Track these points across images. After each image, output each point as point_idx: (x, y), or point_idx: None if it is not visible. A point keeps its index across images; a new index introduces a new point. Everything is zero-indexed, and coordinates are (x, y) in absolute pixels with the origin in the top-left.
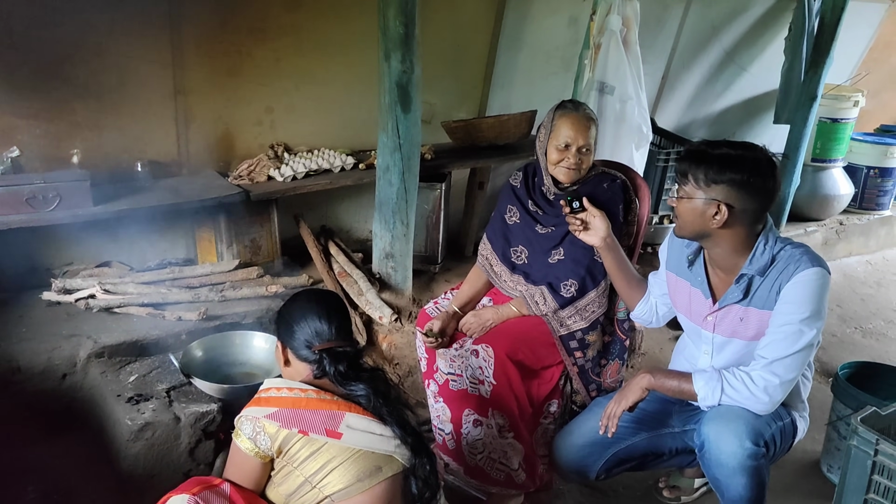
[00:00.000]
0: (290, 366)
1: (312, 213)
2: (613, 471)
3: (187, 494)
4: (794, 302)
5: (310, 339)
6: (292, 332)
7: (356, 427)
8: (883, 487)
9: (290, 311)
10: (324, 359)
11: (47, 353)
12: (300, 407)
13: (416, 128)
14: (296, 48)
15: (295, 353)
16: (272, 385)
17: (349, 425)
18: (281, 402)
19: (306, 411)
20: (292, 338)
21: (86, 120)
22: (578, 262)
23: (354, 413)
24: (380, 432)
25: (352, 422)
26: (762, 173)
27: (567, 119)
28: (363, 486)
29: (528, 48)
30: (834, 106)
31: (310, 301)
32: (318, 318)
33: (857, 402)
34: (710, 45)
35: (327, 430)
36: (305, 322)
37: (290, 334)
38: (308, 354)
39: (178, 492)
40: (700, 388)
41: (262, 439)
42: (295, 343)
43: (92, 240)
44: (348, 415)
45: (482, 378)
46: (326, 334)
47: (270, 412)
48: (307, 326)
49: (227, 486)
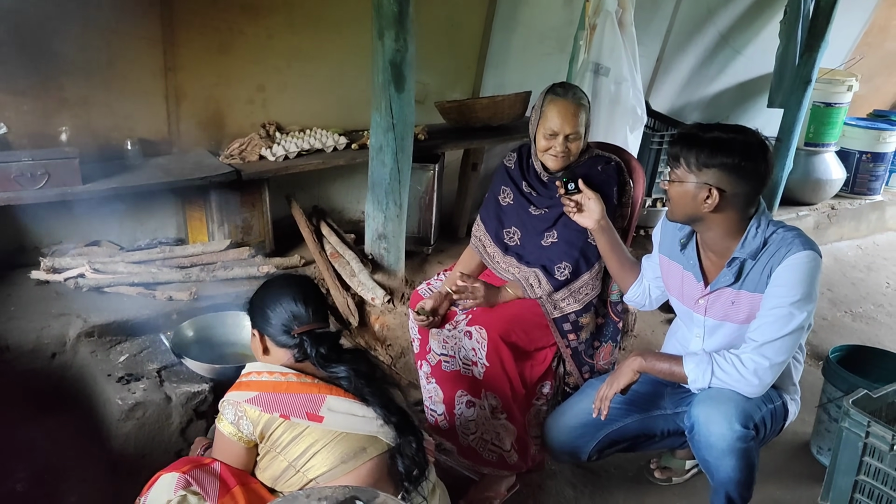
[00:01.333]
0: (269, 354)
1: (304, 193)
2: (605, 452)
3: (177, 472)
4: (785, 285)
5: (288, 323)
6: (268, 318)
7: (337, 409)
8: (873, 469)
9: (265, 298)
10: (304, 342)
11: (36, 333)
12: (280, 391)
13: (410, 108)
14: (288, 25)
15: (273, 340)
16: (253, 369)
17: (330, 408)
18: (261, 385)
19: (287, 395)
20: (269, 324)
21: (74, 96)
22: (572, 245)
23: (335, 395)
24: (362, 413)
25: (333, 404)
26: (754, 157)
27: (555, 106)
28: (347, 468)
29: (522, 28)
30: (828, 90)
31: (284, 286)
32: (294, 301)
33: (847, 384)
34: (706, 27)
35: (308, 413)
36: (281, 307)
37: (266, 321)
38: (287, 339)
39: (168, 470)
40: (690, 371)
41: (245, 424)
42: (272, 329)
43: (81, 218)
44: (329, 397)
45: (475, 359)
46: (304, 317)
47: (251, 396)
48: (284, 311)
49: (218, 464)
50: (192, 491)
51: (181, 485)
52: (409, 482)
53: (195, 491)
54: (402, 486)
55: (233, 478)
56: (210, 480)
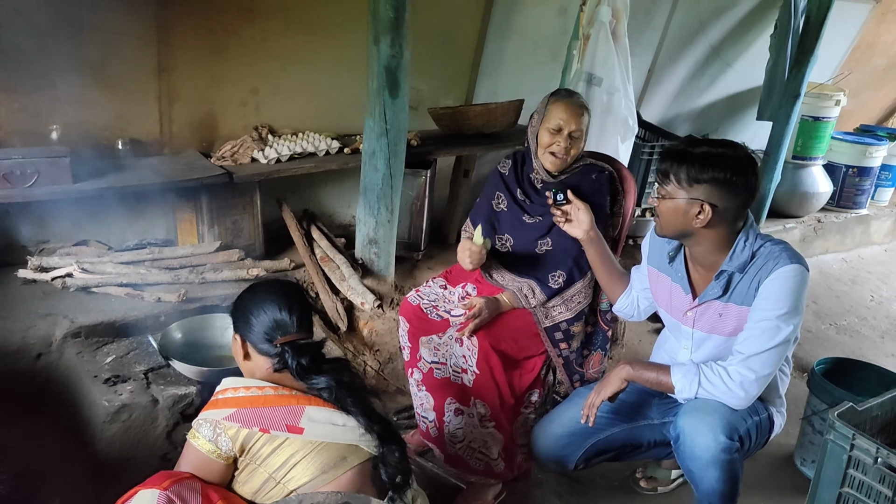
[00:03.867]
0: (250, 360)
1: (296, 196)
2: (592, 461)
3: (158, 489)
4: (772, 298)
5: (270, 332)
6: (251, 324)
7: (317, 419)
8: (857, 481)
9: (249, 303)
10: (286, 352)
11: (22, 333)
12: (258, 405)
13: (404, 113)
14: (283, 29)
15: (254, 347)
16: (229, 385)
17: (310, 418)
18: (238, 402)
19: (265, 409)
20: (251, 331)
21: (66, 95)
22: (566, 253)
23: (315, 405)
24: (342, 422)
25: (313, 414)
26: (744, 171)
27: (561, 104)
28: (328, 478)
29: (516, 37)
30: (816, 104)
31: (269, 292)
32: (278, 309)
33: (832, 397)
34: (697, 39)
35: (288, 426)
36: (265, 314)
37: (248, 327)
38: (268, 348)
39: (146, 486)
40: (678, 381)
41: (223, 441)
42: (254, 336)
43: (70, 218)
44: (308, 408)
45: (465, 366)
46: (288, 327)
47: (229, 413)
48: (267, 318)
49: (198, 480)
50: None
51: (163, 502)
52: (393, 490)
53: None
54: (387, 493)
55: (215, 492)
56: (192, 496)
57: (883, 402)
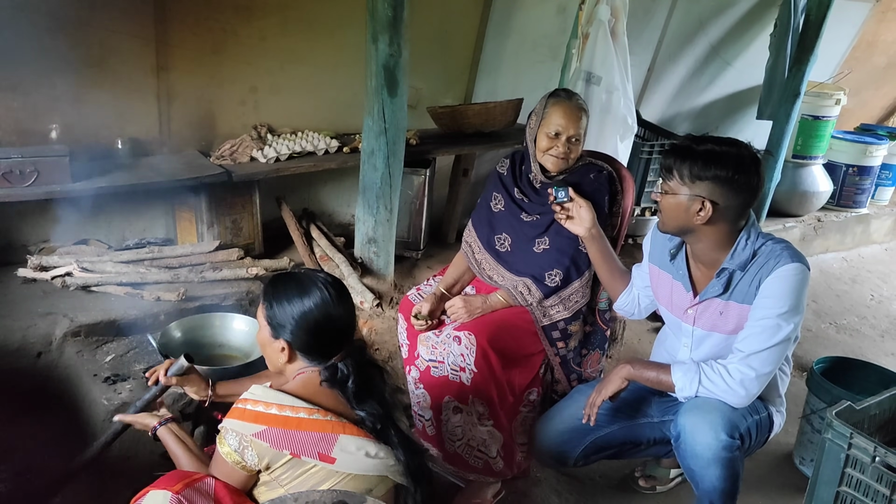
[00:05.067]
0: (294, 363)
1: (295, 195)
2: (592, 457)
3: (170, 492)
4: (772, 296)
5: (327, 344)
6: (304, 336)
7: (349, 450)
8: (855, 480)
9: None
10: (340, 370)
11: (22, 331)
12: (291, 427)
13: (403, 112)
14: (282, 27)
15: (302, 355)
16: (260, 398)
17: (343, 448)
18: (269, 420)
19: (298, 432)
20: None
21: (65, 94)
22: (563, 252)
23: (348, 434)
24: (374, 453)
25: (346, 444)
26: (747, 170)
27: (559, 107)
28: None
29: (515, 35)
30: (816, 103)
31: (322, 290)
32: (334, 317)
33: (830, 396)
34: (697, 38)
35: (320, 454)
36: (320, 323)
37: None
38: (320, 358)
39: (158, 486)
40: (678, 380)
41: (250, 455)
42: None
43: (70, 217)
44: (342, 437)
45: (463, 365)
46: (344, 338)
47: (259, 430)
48: (322, 327)
49: (212, 481)
50: None
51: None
52: None
53: None
54: None
55: (228, 498)
56: (204, 502)
57: (881, 401)
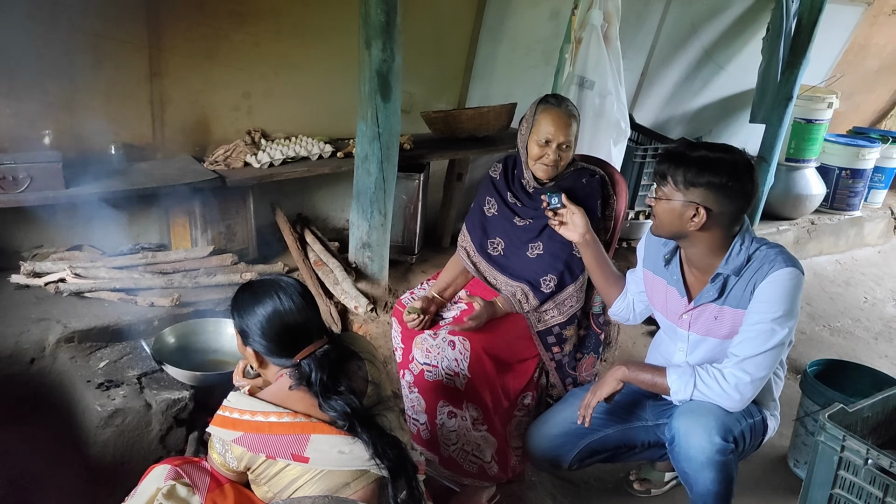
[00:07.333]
0: (266, 368)
1: (289, 200)
2: (586, 461)
3: (168, 465)
4: (767, 301)
5: (287, 346)
6: (262, 339)
7: (322, 448)
8: (848, 483)
9: (254, 316)
10: (305, 366)
11: (15, 338)
12: (264, 432)
13: (396, 117)
14: (275, 33)
15: (270, 358)
16: (235, 406)
17: (316, 448)
18: (244, 426)
19: (271, 436)
20: (263, 346)
21: (58, 100)
22: (557, 257)
23: (319, 433)
24: (348, 450)
25: (318, 444)
26: (740, 177)
27: (549, 115)
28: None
29: (508, 40)
30: (808, 107)
31: (273, 299)
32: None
33: (824, 398)
34: (690, 42)
35: (293, 454)
36: (276, 327)
37: (260, 342)
38: (285, 361)
39: (160, 463)
40: (673, 383)
41: (230, 458)
42: (265, 351)
43: (63, 222)
44: (314, 436)
45: (457, 370)
46: (304, 337)
47: (236, 437)
48: (279, 331)
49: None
50: (182, 482)
51: (171, 475)
52: None
53: (185, 483)
54: None
55: (224, 477)
56: (200, 475)
57: (874, 404)
